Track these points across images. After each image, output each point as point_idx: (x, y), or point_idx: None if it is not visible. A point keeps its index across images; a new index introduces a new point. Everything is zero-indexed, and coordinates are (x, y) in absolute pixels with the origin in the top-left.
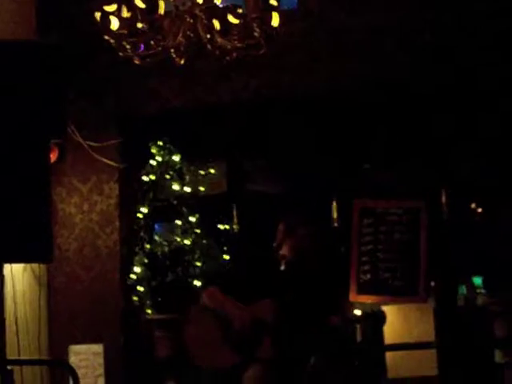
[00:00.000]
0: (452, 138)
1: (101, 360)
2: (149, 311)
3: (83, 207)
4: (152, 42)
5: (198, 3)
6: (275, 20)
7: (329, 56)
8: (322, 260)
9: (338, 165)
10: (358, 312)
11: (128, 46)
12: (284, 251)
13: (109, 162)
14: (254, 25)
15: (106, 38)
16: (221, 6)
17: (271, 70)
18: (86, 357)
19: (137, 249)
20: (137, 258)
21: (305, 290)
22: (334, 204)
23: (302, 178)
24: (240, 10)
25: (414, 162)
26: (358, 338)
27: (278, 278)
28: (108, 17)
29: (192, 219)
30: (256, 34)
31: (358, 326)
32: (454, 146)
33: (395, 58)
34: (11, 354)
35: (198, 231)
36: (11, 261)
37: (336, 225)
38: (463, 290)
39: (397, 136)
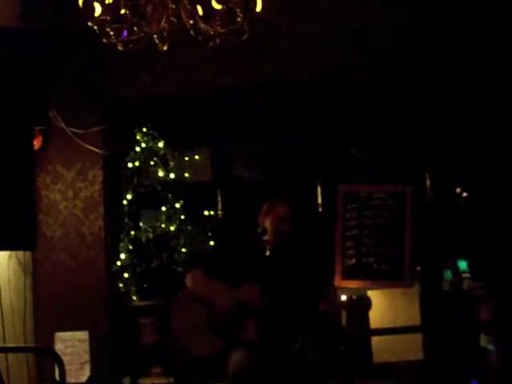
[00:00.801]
0: (437, 121)
1: (86, 347)
2: (134, 298)
3: (67, 194)
4: (135, 28)
5: None
6: (258, 5)
7: (313, 42)
8: (301, 240)
9: (323, 149)
10: (343, 297)
11: (111, 32)
12: (268, 236)
13: (93, 148)
14: (237, 10)
15: (89, 24)
16: None
17: (255, 56)
18: (72, 344)
19: (122, 235)
20: (122, 244)
21: (289, 275)
22: (319, 189)
23: (286, 164)
24: None
25: (399, 145)
26: (344, 322)
27: (262, 263)
28: (91, 3)
29: (177, 205)
30: (239, 19)
31: (344, 312)
32: (438, 130)
33: (383, 44)
34: None
35: (182, 217)
36: None
37: (321, 209)
38: (448, 274)
39: (382, 120)
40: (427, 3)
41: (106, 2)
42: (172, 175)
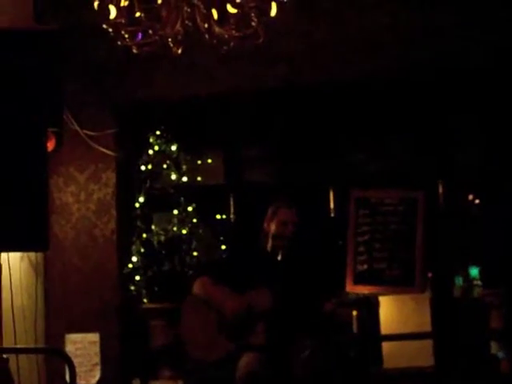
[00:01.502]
0: (450, 127)
1: (97, 349)
2: (145, 300)
3: (80, 196)
4: (150, 31)
5: None
6: (273, 10)
7: (323, 44)
8: (306, 243)
9: (335, 154)
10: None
11: (126, 35)
12: (278, 241)
13: (106, 151)
14: (252, 14)
15: (105, 26)
16: None
17: (268, 59)
18: (82, 345)
19: (133, 238)
20: (133, 247)
21: (297, 278)
22: (331, 194)
23: (299, 168)
24: (238, 0)
25: (412, 151)
26: (354, 327)
27: (274, 268)
28: (106, 5)
29: (189, 209)
30: (253, 23)
31: (355, 314)
32: (451, 136)
33: (390, 46)
34: (7, 343)
35: (194, 221)
36: (8, 249)
37: (333, 215)
38: (460, 281)
39: (393, 125)
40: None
41: (121, 4)
42: (184, 178)
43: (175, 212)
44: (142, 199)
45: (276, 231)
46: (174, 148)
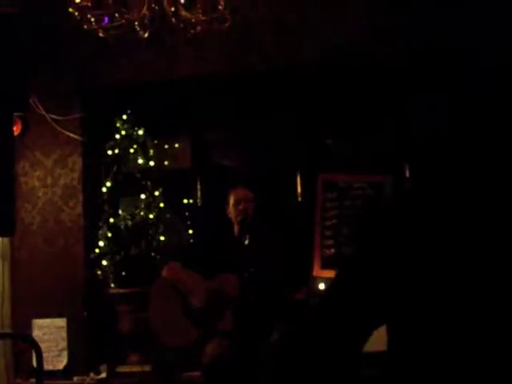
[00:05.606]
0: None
1: (64, 334)
2: (112, 285)
3: (47, 181)
4: (116, 15)
5: None
6: None
7: (293, 30)
8: (270, 226)
9: (303, 138)
10: (321, 286)
11: (92, 19)
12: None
13: (72, 135)
14: None
15: (70, 10)
16: None
17: (235, 43)
18: (50, 331)
19: (100, 223)
20: (100, 231)
21: (263, 263)
22: (299, 178)
23: (266, 152)
24: None
25: (378, 136)
26: None
27: (241, 253)
28: None
29: (156, 193)
30: (220, 7)
31: None
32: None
33: (361, 29)
34: None
35: (161, 205)
36: None
37: (300, 199)
38: None
39: (361, 110)
40: None
41: None
42: (151, 163)
43: (142, 196)
44: (108, 184)
45: (232, 212)
46: (140, 132)
